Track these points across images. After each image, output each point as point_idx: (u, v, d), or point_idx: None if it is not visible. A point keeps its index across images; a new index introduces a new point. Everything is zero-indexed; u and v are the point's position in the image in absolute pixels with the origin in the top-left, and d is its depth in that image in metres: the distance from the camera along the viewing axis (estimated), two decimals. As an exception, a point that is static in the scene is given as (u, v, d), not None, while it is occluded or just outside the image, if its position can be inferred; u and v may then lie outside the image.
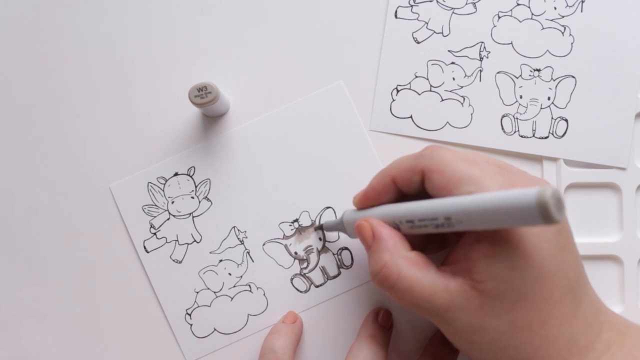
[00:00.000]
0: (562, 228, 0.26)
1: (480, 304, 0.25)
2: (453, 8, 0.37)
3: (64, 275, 0.37)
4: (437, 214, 0.26)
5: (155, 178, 0.37)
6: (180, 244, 0.37)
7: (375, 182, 0.31)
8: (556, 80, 0.36)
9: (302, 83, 0.37)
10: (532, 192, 0.21)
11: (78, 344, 0.37)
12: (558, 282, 0.25)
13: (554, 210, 0.20)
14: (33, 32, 0.38)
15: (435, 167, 0.27)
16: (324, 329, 0.36)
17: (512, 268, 0.25)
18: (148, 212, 0.37)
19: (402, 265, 0.27)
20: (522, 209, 0.21)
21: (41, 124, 0.38)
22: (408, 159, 0.29)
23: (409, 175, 0.29)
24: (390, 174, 0.30)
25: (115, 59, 0.38)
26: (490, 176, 0.26)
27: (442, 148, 0.28)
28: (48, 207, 0.38)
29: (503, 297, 0.25)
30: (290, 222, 0.37)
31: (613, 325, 0.27)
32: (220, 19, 0.38)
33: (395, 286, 0.27)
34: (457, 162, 0.27)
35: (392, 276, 0.27)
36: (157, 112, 0.38)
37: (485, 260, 0.25)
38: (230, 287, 0.37)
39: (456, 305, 0.26)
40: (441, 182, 0.27)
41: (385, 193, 0.30)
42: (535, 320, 0.25)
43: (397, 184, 0.30)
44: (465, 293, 0.26)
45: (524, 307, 0.25)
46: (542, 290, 0.25)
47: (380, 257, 0.28)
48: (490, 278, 0.25)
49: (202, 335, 0.37)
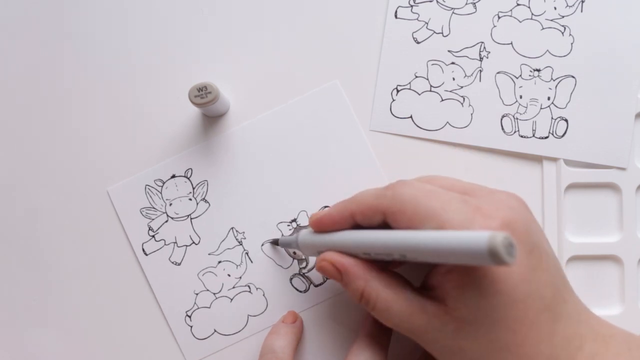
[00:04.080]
0: (533, 248, 0.26)
1: (456, 328, 0.26)
2: (453, 8, 0.37)
3: (63, 278, 0.37)
4: (393, 250, 0.26)
5: (152, 180, 0.37)
6: (178, 246, 0.37)
7: (334, 211, 0.31)
8: (556, 80, 0.36)
9: (302, 83, 0.37)
10: (483, 237, 0.21)
11: (78, 346, 0.37)
12: (532, 303, 0.26)
13: (505, 255, 0.21)
14: (32, 32, 0.38)
15: (397, 208, 0.27)
16: (323, 329, 0.36)
17: (483, 296, 0.25)
18: (146, 214, 0.37)
19: (379, 287, 0.28)
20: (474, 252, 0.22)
21: (39, 126, 0.38)
22: (370, 197, 0.29)
23: (370, 215, 0.29)
24: (350, 208, 0.30)
25: (115, 59, 0.38)
26: (453, 209, 0.26)
27: (404, 185, 0.28)
28: (46, 210, 0.38)
29: (477, 322, 0.26)
30: (288, 222, 0.37)
31: (596, 335, 0.27)
32: (220, 18, 0.38)
33: (376, 307, 0.28)
34: (417, 199, 0.27)
35: (371, 299, 0.28)
36: (156, 113, 0.38)
37: (457, 289, 0.26)
38: (229, 288, 0.37)
39: (433, 327, 0.27)
40: (404, 222, 0.27)
41: (342, 225, 0.30)
42: (512, 341, 0.26)
43: (355, 220, 0.30)
44: (440, 317, 0.26)
45: (499, 330, 0.26)
46: (515, 312, 0.26)
47: (356, 285, 0.29)
48: (463, 306, 0.26)
49: (203, 337, 0.36)
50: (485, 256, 0.21)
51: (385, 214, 0.28)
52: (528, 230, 0.27)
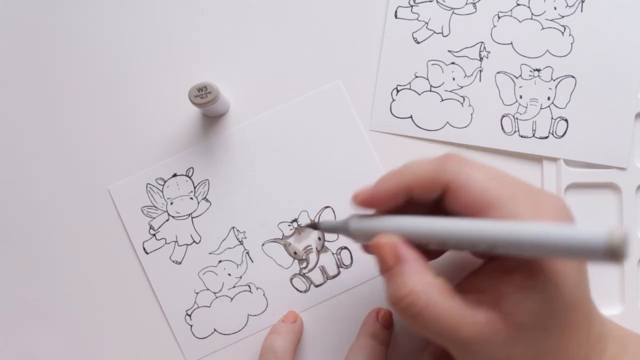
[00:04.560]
0: None
1: (509, 336, 0.24)
2: (453, 8, 0.37)
3: (64, 276, 0.37)
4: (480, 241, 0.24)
5: (154, 179, 0.37)
6: (179, 245, 0.37)
7: (387, 185, 0.27)
8: (556, 80, 0.36)
9: (302, 83, 0.37)
10: (602, 232, 0.21)
11: (78, 346, 0.37)
12: (580, 308, 0.25)
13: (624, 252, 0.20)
14: (32, 32, 0.38)
15: (462, 185, 0.25)
16: (323, 329, 0.36)
17: (546, 300, 0.24)
18: (147, 213, 0.37)
19: (431, 293, 0.25)
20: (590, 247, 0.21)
21: (39, 125, 0.38)
22: (427, 167, 0.26)
23: (429, 187, 0.26)
24: (406, 180, 0.27)
25: (115, 59, 0.38)
26: (521, 202, 0.24)
27: (467, 162, 0.26)
28: (47, 209, 0.38)
29: (533, 328, 0.24)
30: (289, 222, 0.37)
31: (614, 338, 0.28)
32: (221, 18, 0.38)
33: (421, 315, 0.25)
34: (486, 181, 0.25)
35: (418, 304, 0.25)
36: (156, 113, 0.38)
37: (518, 293, 0.24)
38: (230, 288, 0.37)
39: (482, 338, 0.24)
40: (467, 202, 0.25)
41: (394, 201, 0.27)
42: (557, 346, 0.25)
43: (412, 194, 0.27)
44: (493, 325, 0.24)
45: (552, 336, 0.24)
46: (567, 317, 0.25)
47: (406, 282, 0.25)
48: (523, 311, 0.24)
49: (203, 336, 0.37)
50: (601, 252, 0.20)
51: (446, 190, 0.26)
52: None
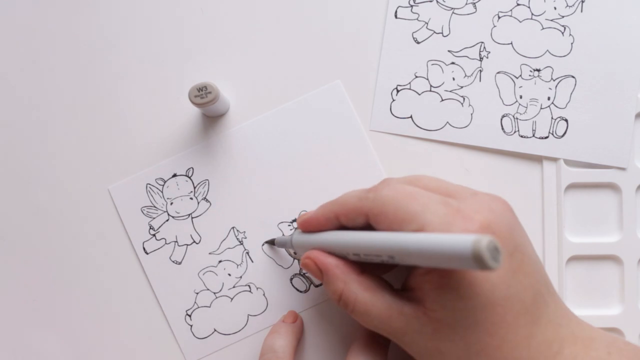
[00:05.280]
0: (514, 251, 0.26)
1: (434, 329, 0.26)
2: (453, 8, 0.37)
3: (63, 276, 0.37)
4: (381, 252, 0.26)
5: (153, 179, 0.37)
6: (179, 245, 0.37)
7: (319, 213, 0.31)
8: (556, 80, 0.36)
9: (302, 83, 0.37)
10: (468, 240, 0.21)
11: (78, 346, 0.37)
12: (511, 306, 0.26)
13: (489, 260, 0.21)
14: (32, 31, 0.38)
15: (379, 210, 0.28)
16: (324, 329, 0.36)
17: (460, 298, 0.25)
18: (147, 213, 0.37)
19: (357, 291, 0.28)
20: (458, 255, 0.21)
21: (39, 125, 0.38)
22: (353, 199, 0.29)
23: (353, 216, 0.29)
24: (334, 210, 0.30)
25: (115, 58, 0.38)
26: (432, 211, 0.26)
27: (385, 187, 0.28)
28: (47, 209, 0.38)
29: (455, 324, 0.26)
30: (289, 222, 0.37)
31: (576, 339, 0.27)
32: (221, 19, 0.38)
33: (355, 310, 0.29)
34: (397, 201, 0.27)
35: (349, 302, 0.29)
36: (156, 113, 0.38)
37: (436, 291, 0.26)
38: (230, 288, 0.37)
39: (412, 329, 0.27)
40: (386, 224, 0.27)
41: (327, 225, 0.31)
42: (489, 344, 0.26)
43: (340, 220, 0.30)
44: (419, 318, 0.27)
45: (476, 333, 0.26)
46: (493, 315, 0.25)
47: (335, 286, 0.29)
48: (441, 307, 0.26)
49: (203, 336, 0.37)
50: (469, 260, 0.21)
51: (367, 216, 0.28)
52: (509, 233, 0.26)
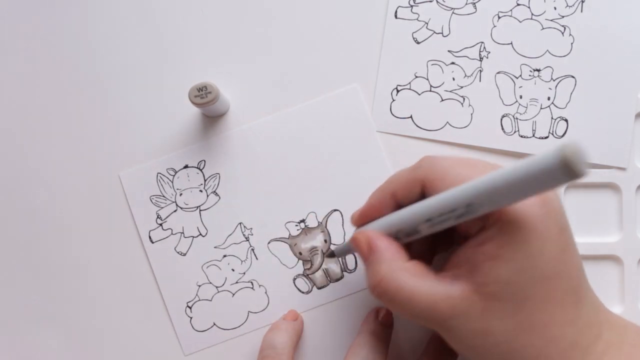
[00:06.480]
0: (564, 228, 0.26)
1: (484, 308, 0.25)
2: (453, 8, 0.37)
3: (67, 259, 0.38)
4: (457, 204, 0.25)
5: (165, 169, 0.38)
6: (185, 237, 0.37)
7: (373, 199, 0.30)
8: (556, 80, 0.36)
9: (302, 83, 0.38)
10: (551, 151, 0.20)
11: (75, 334, 0.37)
12: (560, 283, 0.25)
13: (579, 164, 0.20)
14: (35, 28, 0.39)
15: (436, 176, 0.27)
16: (323, 331, 0.36)
17: (516, 270, 0.25)
18: (156, 202, 0.38)
19: (401, 277, 0.27)
20: (548, 168, 0.21)
21: (54, 111, 0.38)
22: (405, 172, 0.29)
23: (409, 188, 0.28)
24: (389, 189, 0.30)
25: (116, 58, 0.38)
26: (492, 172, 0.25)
27: (438, 157, 0.28)
28: (58, 191, 0.38)
29: (507, 299, 0.25)
30: (296, 222, 0.37)
31: (612, 325, 0.27)
32: (221, 19, 0.38)
33: (395, 299, 0.27)
34: (456, 167, 0.27)
35: (390, 289, 0.27)
36: (161, 110, 0.38)
37: (490, 262, 0.25)
38: (232, 283, 0.37)
39: (459, 312, 0.25)
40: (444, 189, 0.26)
41: (383, 210, 0.30)
42: (539, 321, 0.25)
43: (396, 198, 0.29)
44: (467, 298, 0.25)
45: (527, 309, 0.25)
46: (545, 291, 0.25)
47: (378, 269, 0.28)
48: (494, 281, 0.25)
49: (202, 329, 0.37)
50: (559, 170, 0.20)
51: (424, 184, 0.28)
52: (561, 210, 0.26)
